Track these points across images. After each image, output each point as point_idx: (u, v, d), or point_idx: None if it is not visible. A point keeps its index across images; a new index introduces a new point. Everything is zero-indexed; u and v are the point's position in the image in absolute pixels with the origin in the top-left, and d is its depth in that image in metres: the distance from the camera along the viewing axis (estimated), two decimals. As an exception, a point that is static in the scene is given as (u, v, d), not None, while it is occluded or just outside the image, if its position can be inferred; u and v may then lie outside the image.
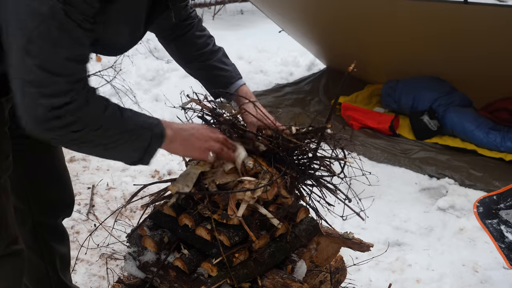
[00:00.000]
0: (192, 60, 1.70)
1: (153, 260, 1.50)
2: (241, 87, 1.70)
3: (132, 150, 1.24)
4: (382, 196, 3.35)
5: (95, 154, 1.27)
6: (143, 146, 1.25)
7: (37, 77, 1.06)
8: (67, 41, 1.07)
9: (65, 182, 1.80)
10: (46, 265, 1.84)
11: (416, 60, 4.47)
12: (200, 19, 1.72)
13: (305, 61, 6.16)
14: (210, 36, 1.73)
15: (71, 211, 1.86)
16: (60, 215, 1.84)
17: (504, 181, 3.30)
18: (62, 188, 1.79)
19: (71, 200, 1.85)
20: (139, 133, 1.23)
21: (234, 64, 1.76)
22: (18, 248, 1.51)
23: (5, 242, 1.45)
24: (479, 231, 2.88)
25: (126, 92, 4.57)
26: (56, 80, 1.07)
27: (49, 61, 1.06)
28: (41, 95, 1.07)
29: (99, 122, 1.15)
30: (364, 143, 4.07)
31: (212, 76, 1.69)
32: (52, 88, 1.07)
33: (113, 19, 1.20)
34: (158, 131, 1.27)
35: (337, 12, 4.50)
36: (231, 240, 1.38)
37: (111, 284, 2.25)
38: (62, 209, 1.83)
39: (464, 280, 2.54)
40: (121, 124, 1.20)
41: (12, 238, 1.48)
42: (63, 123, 1.10)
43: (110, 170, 3.50)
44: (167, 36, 1.68)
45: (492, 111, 4.19)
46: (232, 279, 1.36)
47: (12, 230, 1.48)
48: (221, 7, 10.35)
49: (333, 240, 1.68)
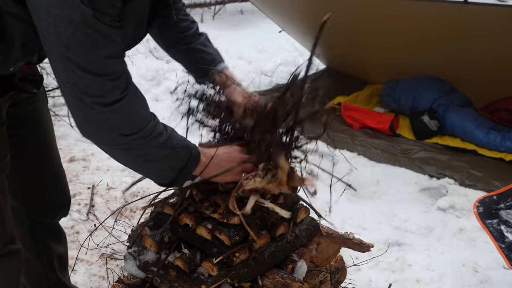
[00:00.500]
0: (175, 43, 1.70)
1: (153, 259, 1.50)
2: (223, 70, 1.70)
3: (169, 168, 1.27)
4: (382, 196, 3.35)
5: (134, 166, 1.30)
6: (180, 166, 1.27)
7: (82, 80, 1.11)
8: (102, 42, 1.12)
9: (61, 182, 1.81)
10: (44, 265, 1.84)
11: (416, 60, 4.47)
12: (184, 3, 1.71)
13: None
14: (194, 21, 1.72)
15: (67, 210, 1.87)
16: (56, 215, 1.85)
17: (504, 181, 3.30)
18: (58, 187, 1.80)
19: (67, 199, 1.85)
20: (179, 152, 1.26)
21: (217, 49, 1.75)
22: (16, 247, 1.51)
23: (3, 242, 1.46)
24: (479, 231, 2.88)
25: (126, 92, 4.56)
26: (101, 79, 1.13)
27: (90, 63, 1.11)
28: (89, 96, 1.12)
29: (148, 129, 1.20)
30: (364, 143, 4.07)
31: (195, 58, 1.69)
32: (99, 87, 1.13)
33: (127, 18, 1.23)
34: (195, 153, 1.30)
35: (337, 13, 4.48)
36: (231, 239, 1.38)
37: (111, 284, 2.25)
38: (58, 208, 1.83)
39: (464, 280, 2.54)
40: (166, 137, 1.24)
41: (10, 237, 1.49)
42: (115, 124, 1.16)
43: (110, 170, 3.50)
44: None
45: (492, 111, 4.19)
46: (232, 279, 1.36)
47: (9, 230, 1.49)
48: (221, 7, 10.35)
49: (333, 240, 1.68)
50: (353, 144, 4.06)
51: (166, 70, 5.98)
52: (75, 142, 3.99)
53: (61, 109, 4.30)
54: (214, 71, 1.65)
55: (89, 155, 3.77)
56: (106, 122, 1.16)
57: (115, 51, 1.16)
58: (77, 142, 3.99)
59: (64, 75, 1.12)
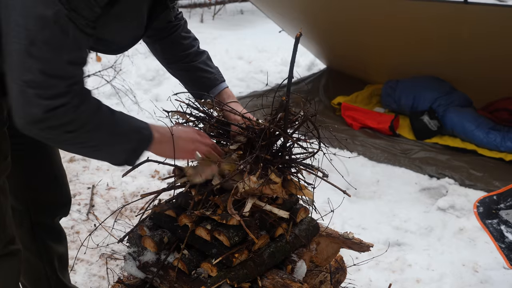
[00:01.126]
0: (176, 60, 1.71)
1: (153, 260, 1.50)
2: (224, 90, 1.70)
3: (120, 151, 1.26)
4: (382, 196, 3.35)
5: (85, 154, 1.30)
6: (131, 148, 1.27)
7: (36, 79, 1.07)
8: (69, 45, 1.09)
9: (61, 181, 1.81)
10: (45, 265, 1.84)
11: (416, 60, 4.48)
12: (186, 21, 1.72)
13: (305, 61, 6.17)
14: (195, 39, 1.73)
15: (68, 210, 1.87)
16: (57, 215, 1.85)
17: (504, 181, 3.30)
18: (59, 187, 1.80)
19: (68, 199, 1.85)
20: (129, 135, 1.26)
21: (218, 67, 1.75)
22: (15, 248, 1.51)
23: (3, 242, 1.46)
24: (479, 231, 2.89)
25: (126, 92, 4.57)
26: (56, 83, 1.09)
27: (51, 64, 1.08)
28: (38, 97, 1.08)
29: (93, 122, 1.18)
30: (364, 143, 4.08)
31: (196, 77, 1.69)
32: (51, 90, 1.09)
33: (113, 21, 1.21)
34: (146, 133, 1.30)
35: (337, 12, 4.50)
36: (230, 240, 1.38)
37: (111, 284, 2.25)
38: (59, 208, 1.83)
39: (464, 280, 2.54)
40: (113, 125, 1.23)
41: (10, 238, 1.49)
42: (58, 123, 1.12)
43: (110, 170, 3.50)
44: (152, 35, 1.68)
45: (492, 111, 4.19)
46: (231, 279, 1.36)
47: (9, 230, 1.48)
48: (221, 7, 10.36)
49: (333, 240, 1.68)
50: (353, 144, 4.06)
51: (166, 70, 5.98)
52: (75, 142, 3.99)
53: (61, 109, 4.30)
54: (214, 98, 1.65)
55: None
56: (51, 121, 1.11)
57: (79, 57, 1.14)
58: (77, 142, 3.99)
59: (19, 71, 1.07)
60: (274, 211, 1.42)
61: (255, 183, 1.38)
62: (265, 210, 1.43)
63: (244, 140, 1.52)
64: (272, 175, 1.42)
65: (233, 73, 6.08)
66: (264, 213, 1.44)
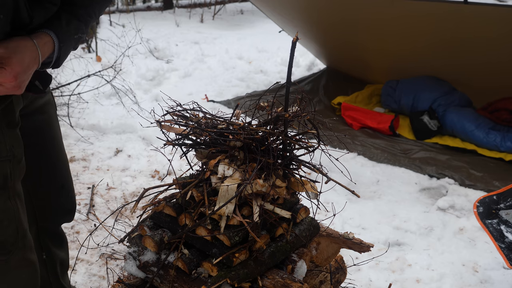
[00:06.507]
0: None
1: (153, 260, 1.50)
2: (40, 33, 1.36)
3: None
4: (382, 196, 3.35)
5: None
6: None
7: None
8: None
9: (68, 188, 1.79)
10: (48, 271, 1.83)
11: (416, 60, 4.48)
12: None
13: (305, 61, 6.17)
14: None
15: (72, 217, 1.85)
16: (62, 221, 1.84)
17: (504, 181, 3.31)
18: (65, 195, 1.78)
19: (73, 206, 1.84)
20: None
21: (74, 28, 1.48)
22: (34, 258, 1.48)
23: (22, 251, 1.43)
24: (479, 231, 2.89)
25: (126, 92, 4.57)
26: None
27: None
28: None
29: None
30: (364, 143, 4.08)
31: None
32: None
33: None
34: None
35: (337, 12, 4.51)
36: (231, 240, 1.38)
37: (111, 284, 2.25)
38: (64, 215, 1.82)
39: (464, 280, 2.54)
40: None
41: (30, 246, 1.46)
42: None
43: (110, 170, 3.50)
44: None
45: (492, 111, 4.20)
46: (232, 279, 1.36)
47: (29, 238, 1.45)
48: (221, 7, 10.36)
49: (333, 240, 1.68)
50: (353, 144, 4.06)
51: (166, 70, 5.99)
52: (75, 142, 4.00)
53: (61, 109, 4.30)
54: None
55: (89, 155, 3.78)
56: None
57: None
58: (77, 142, 4.00)
59: None
60: (277, 211, 1.42)
61: (262, 186, 1.37)
62: (267, 210, 1.43)
63: (239, 144, 1.51)
64: (278, 181, 1.42)
65: (233, 73, 6.08)
66: (265, 213, 1.44)
